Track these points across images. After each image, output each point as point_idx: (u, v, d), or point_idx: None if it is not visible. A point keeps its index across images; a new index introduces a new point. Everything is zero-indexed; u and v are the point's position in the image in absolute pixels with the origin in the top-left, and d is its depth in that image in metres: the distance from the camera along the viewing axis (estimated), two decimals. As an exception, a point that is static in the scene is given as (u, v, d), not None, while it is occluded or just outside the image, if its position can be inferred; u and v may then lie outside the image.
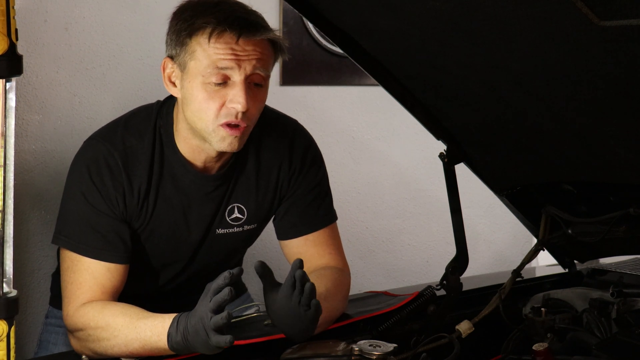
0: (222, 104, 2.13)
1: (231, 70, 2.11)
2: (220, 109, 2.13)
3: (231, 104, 2.13)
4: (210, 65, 2.11)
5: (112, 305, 2.16)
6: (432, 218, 3.67)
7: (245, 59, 2.11)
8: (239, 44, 2.11)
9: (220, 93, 2.13)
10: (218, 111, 2.13)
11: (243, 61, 2.11)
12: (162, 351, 2.03)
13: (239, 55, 2.11)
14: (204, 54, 2.11)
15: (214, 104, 2.13)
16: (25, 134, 2.81)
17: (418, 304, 2.41)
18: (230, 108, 2.13)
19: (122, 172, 2.22)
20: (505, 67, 1.95)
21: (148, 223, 2.28)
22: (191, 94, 2.15)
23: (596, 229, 2.45)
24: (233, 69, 2.11)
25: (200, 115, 2.15)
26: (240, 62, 2.11)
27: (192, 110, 2.17)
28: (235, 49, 2.11)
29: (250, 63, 2.12)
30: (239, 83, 2.12)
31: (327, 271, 2.34)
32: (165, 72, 2.21)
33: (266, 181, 2.37)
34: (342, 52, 2.23)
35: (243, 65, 2.11)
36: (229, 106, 2.13)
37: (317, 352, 2.04)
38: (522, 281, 2.55)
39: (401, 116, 2.69)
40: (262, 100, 2.20)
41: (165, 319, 2.02)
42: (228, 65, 2.11)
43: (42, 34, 2.81)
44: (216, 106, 2.13)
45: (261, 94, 2.18)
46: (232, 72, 2.12)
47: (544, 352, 2.19)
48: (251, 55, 2.12)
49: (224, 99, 2.13)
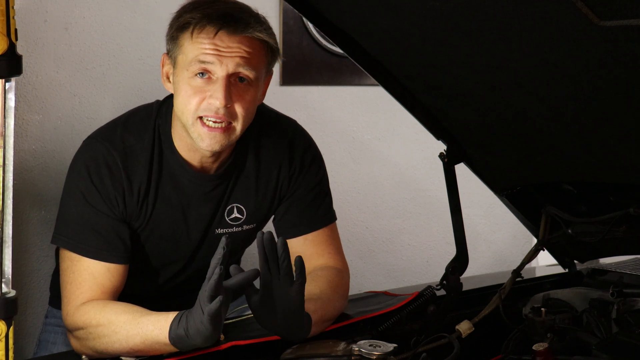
0: (202, 99, 2.14)
1: (212, 65, 2.12)
2: (201, 103, 2.14)
3: (211, 99, 2.13)
4: (194, 59, 2.13)
5: (114, 303, 2.17)
6: (432, 218, 3.67)
7: (228, 55, 2.12)
8: (222, 39, 2.11)
9: (203, 88, 2.14)
10: (198, 105, 2.14)
11: (225, 57, 2.12)
12: (163, 346, 2.03)
13: (221, 51, 2.12)
14: (189, 48, 2.13)
15: (195, 98, 2.14)
16: (25, 134, 2.81)
17: (418, 304, 2.41)
18: (209, 103, 2.14)
19: (122, 172, 2.22)
20: (505, 67, 1.95)
21: (148, 223, 2.28)
22: (178, 88, 2.17)
23: (596, 229, 2.45)
24: (214, 64, 2.12)
25: (182, 109, 2.17)
26: (222, 58, 2.12)
27: (177, 104, 2.19)
28: (218, 44, 2.12)
29: (233, 60, 2.12)
30: (220, 79, 2.13)
31: (324, 271, 2.34)
32: (163, 69, 2.24)
33: (266, 181, 2.37)
34: (342, 52, 2.23)
35: (225, 61, 2.12)
36: (208, 101, 2.14)
37: (317, 352, 2.04)
38: (522, 281, 2.55)
39: (401, 116, 2.69)
40: (250, 101, 2.18)
41: (168, 315, 2.03)
42: (209, 59, 2.12)
43: (42, 34, 2.81)
44: (197, 100, 2.14)
45: (248, 93, 2.17)
46: (213, 67, 2.12)
47: (544, 352, 2.19)
48: (235, 52, 2.12)
49: (205, 94, 2.14)
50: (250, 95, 2.18)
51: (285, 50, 3.27)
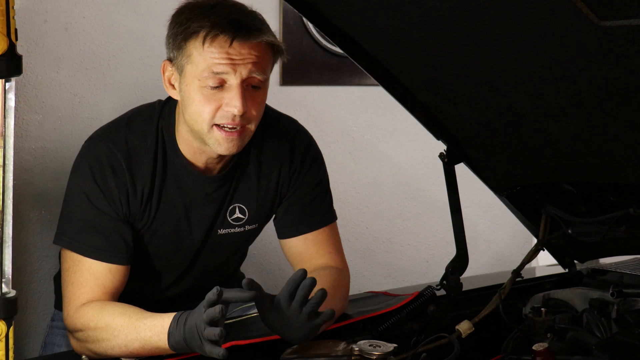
0: (218, 107, 2.13)
1: (227, 74, 2.12)
2: (217, 111, 2.14)
3: (227, 107, 2.13)
4: (206, 70, 2.11)
5: (112, 305, 2.16)
6: (432, 218, 3.67)
7: (241, 62, 2.11)
8: (234, 47, 2.11)
9: (216, 96, 2.13)
10: (214, 114, 2.14)
11: (238, 65, 2.11)
12: (163, 350, 2.03)
13: (234, 59, 2.11)
14: (200, 58, 2.12)
15: (210, 107, 2.13)
16: (25, 134, 2.81)
17: (418, 304, 2.41)
18: (226, 111, 2.13)
19: (126, 173, 2.22)
20: (505, 67, 1.95)
21: (151, 224, 2.28)
22: (189, 96, 2.16)
23: (596, 229, 2.45)
24: (229, 73, 2.11)
25: (196, 118, 2.16)
26: (236, 67, 2.11)
27: (189, 112, 2.17)
28: (230, 53, 2.11)
29: (246, 67, 2.12)
30: (235, 87, 2.12)
31: (326, 271, 2.34)
32: (165, 75, 2.22)
33: (267, 181, 2.37)
34: (342, 52, 2.23)
35: (239, 69, 2.11)
36: (225, 109, 2.13)
37: (317, 352, 2.04)
38: (522, 281, 2.55)
39: (401, 116, 2.69)
40: (261, 103, 2.20)
41: (164, 318, 2.02)
42: (223, 70, 2.11)
43: (42, 34, 2.81)
44: (212, 109, 2.13)
45: (259, 96, 2.18)
46: (227, 76, 2.12)
47: (544, 352, 2.19)
48: (247, 58, 2.12)
49: (220, 102, 2.13)
50: (261, 97, 2.19)
51: (285, 50, 3.26)
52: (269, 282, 3.18)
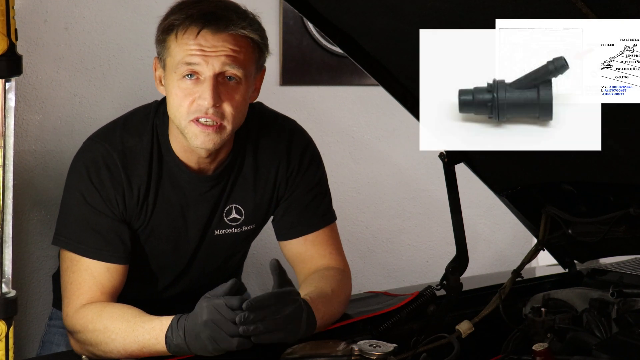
0: (193, 100, 2.14)
1: (199, 66, 2.12)
2: (191, 105, 2.14)
3: (199, 99, 2.13)
4: (180, 61, 2.13)
5: (111, 307, 2.16)
6: (432, 218, 3.67)
7: (213, 55, 2.11)
8: (206, 38, 2.11)
9: (192, 90, 2.14)
10: (189, 107, 2.14)
11: (211, 57, 2.11)
12: (162, 353, 2.04)
13: (206, 51, 2.11)
14: (175, 50, 2.14)
15: (185, 100, 2.14)
16: (25, 134, 2.81)
17: (418, 304, 2.41)
18: (198, 104, 2.13)
19: (122, 172, 2.22)
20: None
21: (148, 223, 2.28)
22: (169, 91, 2.18)
23: (596, 229, 2.44)
24: (200, 65, 2.12)
25: (175, 112, 2.17)
26: (208, 58, 2.11)
27: (170, 107, 2.19)
28: (202, 44, 2.11)
29: (219, 59, 2.12)
30: (207, 79, 2.12)
31: (331, 272, 2.34)
32: (156, 73, 2.24)
33: (264, 181, 2.37)
34: (342, 52, 2.23)
35: (211, 61, 2.11)
36: (197, 102, 2.14)
37: (317, 352, 2.04)
38: (522, 281, 2.55)
39: (401, 116, 2.69)
40: (240, 100, 2.17)
41: (162, 321, 2.03)
42: (195, 60, 2.11)
43: (42, 34, 2.81)
44: (188, 102, 2.14)
45: (238, 92, 2.16)
46: (200, 67, 2.12)
47: (544, 352, 2.19)
48: (220, 51, 2.12)
49: (195, 96, 2.14)
50: (239, 94, 2.17)
51: (285, 50, 3.27)
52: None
